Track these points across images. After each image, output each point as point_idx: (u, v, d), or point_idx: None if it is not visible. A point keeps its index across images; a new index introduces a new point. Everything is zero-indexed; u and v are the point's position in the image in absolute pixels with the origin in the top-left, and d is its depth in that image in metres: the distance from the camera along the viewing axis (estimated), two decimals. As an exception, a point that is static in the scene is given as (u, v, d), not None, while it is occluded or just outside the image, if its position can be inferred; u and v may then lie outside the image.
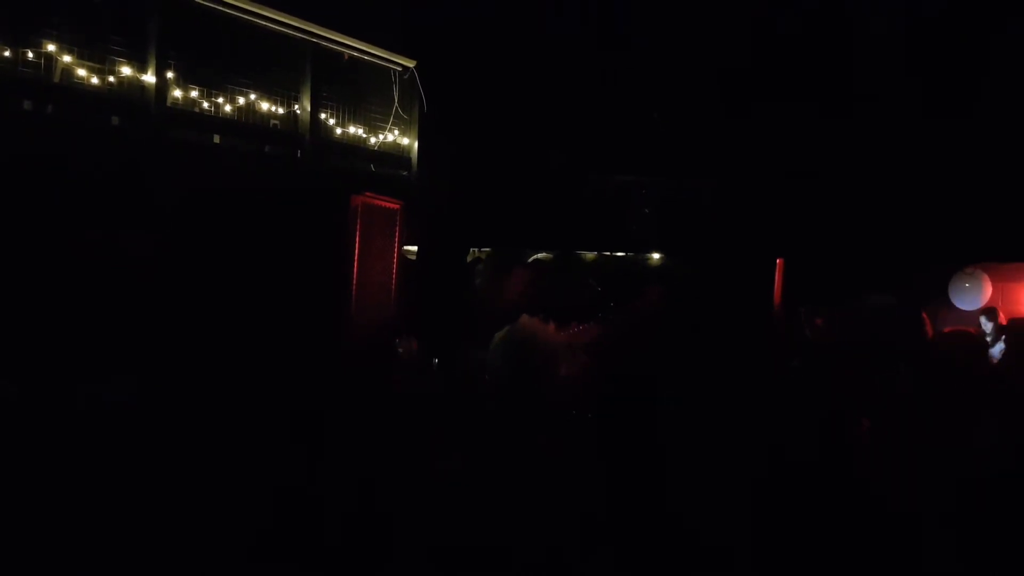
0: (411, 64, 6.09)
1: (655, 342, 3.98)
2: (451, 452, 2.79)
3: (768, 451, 3.01)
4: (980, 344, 3.25)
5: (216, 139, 5.04)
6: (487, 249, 6.41)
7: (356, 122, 5.85)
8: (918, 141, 6.29)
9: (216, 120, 4.97)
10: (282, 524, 2.95)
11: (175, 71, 4.69)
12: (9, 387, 3.25)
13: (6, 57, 4.00)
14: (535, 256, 5.94)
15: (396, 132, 6.13)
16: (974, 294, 6.94)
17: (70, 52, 4.23)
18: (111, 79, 4.41)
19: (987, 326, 5.88)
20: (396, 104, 6.06)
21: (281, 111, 5.34)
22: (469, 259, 6.34)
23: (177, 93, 4.72)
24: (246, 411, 3.37)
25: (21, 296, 3.56)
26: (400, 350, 3.72)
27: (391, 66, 6.04)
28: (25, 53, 4.07)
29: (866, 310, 3.30)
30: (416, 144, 6.24)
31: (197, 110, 4.86)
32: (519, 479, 2.58)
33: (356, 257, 3.67)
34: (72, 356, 3.52)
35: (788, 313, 4.90)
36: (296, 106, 5.42)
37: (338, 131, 5.74)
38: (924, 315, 3.14)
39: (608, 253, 6.70)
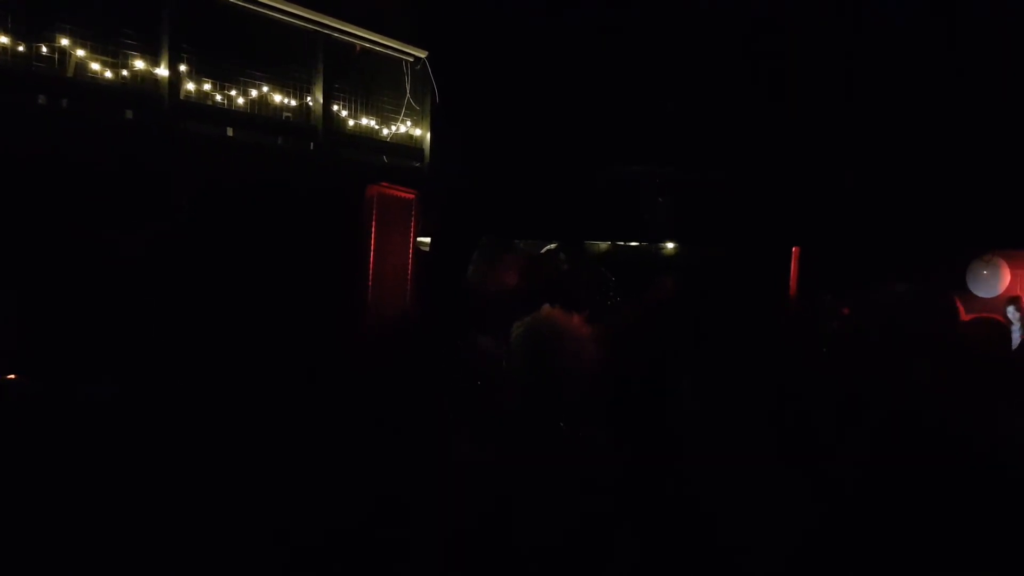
0: (423, 54, 6.07)
1: (670, 332, 3.96)
2: (471, 441, 2.79)
3: (786, 438, 2.99)
4: (1004, 331, 3.21)
5: (229, 132, 5.05)
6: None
7: (369, 113, 5.84)
8: (936, 128, 6.24)
9: (229, 113, 4.98)
10: (295, 519, 2.95)
11: (188, 64, 4.69)
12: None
13: (21, 52, 4.02)
14: (548, 247, 5.91)
15: (408, 123, 6.12)
16: (992, 281, 6.89)
17: (83, 47, 4.24)
18: (124, 73, 4.42)
19: (1014, 315, 5.86)
20: (408, 95, 6.04)
21: (294, 103, 5.34)
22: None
23: (190, 86, 4.73)
24: (263, 402, 3.38)
25: (39, 291, 3.58)
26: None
27: (403, 57, 6.02)
28: (39, 48, 4.09)
29: (896, 297, 3.25)
30: (428, 135, 6.22)
31: (210, 103, 4.87)
32: (541, 468, 2.58)
33: (372, 247, 3.67)
34: (91, 352, 3.53)
35: (807, 301, 4.86)
36: (309, 98, 5.42)
37: (351, 123, 5.74)
38: (958, 302, 3.10)
39: (622, 243, 6.68)
